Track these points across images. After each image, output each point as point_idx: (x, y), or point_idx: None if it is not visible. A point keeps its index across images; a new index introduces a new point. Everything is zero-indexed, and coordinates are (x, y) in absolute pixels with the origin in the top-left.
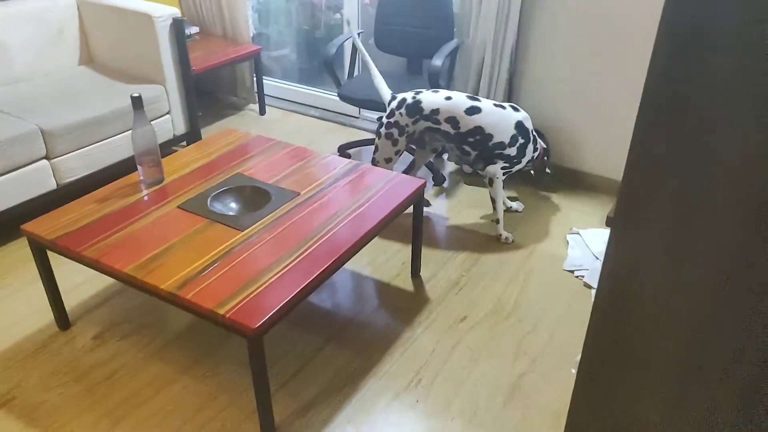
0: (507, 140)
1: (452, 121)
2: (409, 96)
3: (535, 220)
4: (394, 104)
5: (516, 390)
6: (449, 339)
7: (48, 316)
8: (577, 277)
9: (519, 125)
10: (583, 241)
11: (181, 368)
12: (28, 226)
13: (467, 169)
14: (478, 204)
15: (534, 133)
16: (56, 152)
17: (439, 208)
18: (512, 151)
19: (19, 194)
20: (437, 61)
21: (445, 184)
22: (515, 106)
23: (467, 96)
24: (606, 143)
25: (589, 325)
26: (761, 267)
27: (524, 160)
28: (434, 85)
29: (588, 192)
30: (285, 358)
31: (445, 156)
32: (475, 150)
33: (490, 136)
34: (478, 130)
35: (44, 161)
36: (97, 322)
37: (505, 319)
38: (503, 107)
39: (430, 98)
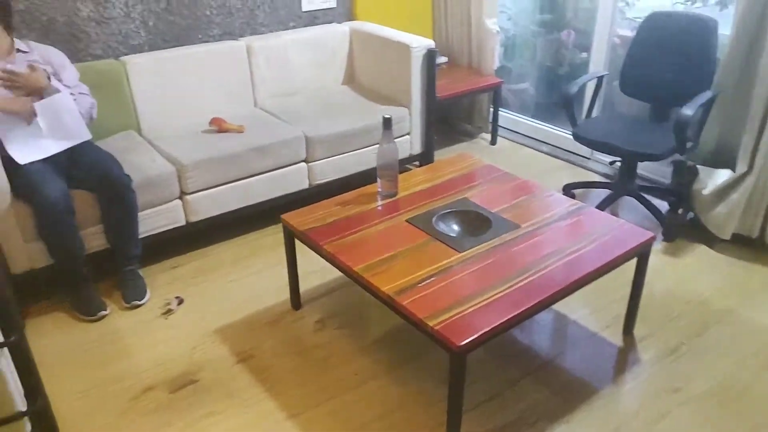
0: None
1: None
2: None
3: None
4: None
5: None
6: (657, 407)
7: (284, 295)
8: None
9: None
10: None
11: (384, 367)
12: (287, 216)
13: None
14: (715, 269)
15: None
16: (314, 157)
17: (668, 265)
18: None
19: (279, 189)
20: (688, 111)
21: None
22: None
23: None
24: None
25: None
26: None
27: None
28: (680, 136)
29: None
30: (480, 383)
31: (689, 215)
32: None
33: None
34: None
35: (303, 164)
36: (321, 309)
37: (730, 402)
38: None
39: None
